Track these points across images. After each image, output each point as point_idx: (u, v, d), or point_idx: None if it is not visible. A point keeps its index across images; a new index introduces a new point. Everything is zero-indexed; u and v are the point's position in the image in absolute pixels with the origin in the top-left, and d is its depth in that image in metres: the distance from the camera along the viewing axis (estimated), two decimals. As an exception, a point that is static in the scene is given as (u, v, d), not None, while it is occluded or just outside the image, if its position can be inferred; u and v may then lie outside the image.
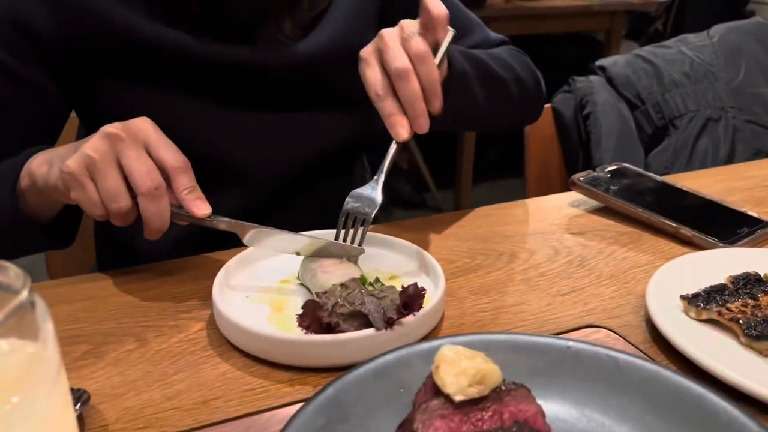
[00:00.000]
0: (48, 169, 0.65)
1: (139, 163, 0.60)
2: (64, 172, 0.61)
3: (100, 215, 0.62)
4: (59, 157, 0.65)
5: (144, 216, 0.61)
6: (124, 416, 0.50)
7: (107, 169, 0.60)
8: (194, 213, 0.62)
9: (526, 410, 0.43)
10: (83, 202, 0.61)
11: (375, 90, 0.66)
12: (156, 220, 0.61)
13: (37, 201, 0.69)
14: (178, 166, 0.62)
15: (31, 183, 0.67)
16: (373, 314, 0.55)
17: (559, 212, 0.86)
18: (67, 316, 0.63)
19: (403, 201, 3.02)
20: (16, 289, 0.31)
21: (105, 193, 0.60)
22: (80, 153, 0.60)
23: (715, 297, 0.60)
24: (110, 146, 0.61)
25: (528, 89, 0.88)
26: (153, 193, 0.60)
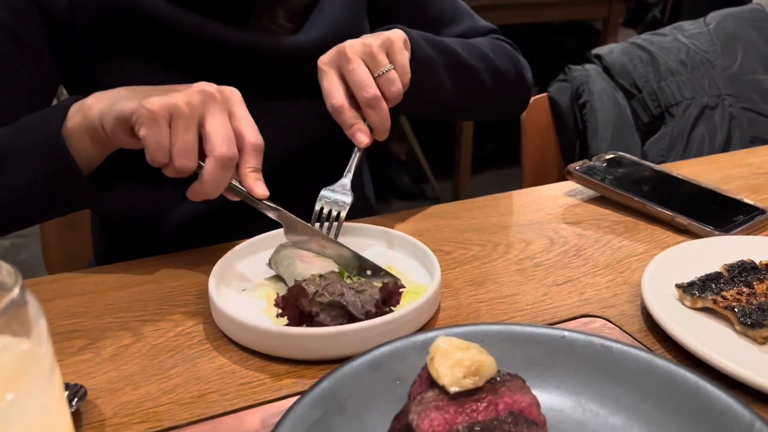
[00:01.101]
0: (110, 104, 0.62)
1: (223, 128, 0.60)
2: (145, 107, 0.58)
3: (159, 162, 0.60)
4: (128, 94, 0.62)
5: (204, 178, 0.60)
6: (121, 411, 0.50)
7: (191, 122, 0.59)
8: (254, 192, 0.62)
9: (521, 401, 0.43)
10: (151, 142, 0.59)
11: (332, 102, 0.69)
12: (212, 186, 0.60)
13: (83, 144, 0.65)
14: (256, 144, 0.62)
15: (82, 120, 0.64)
16: (352, 306, 0.55)
17: (555, 202, 0.86)
18: (64, 311, 0.63)
19: (402, 192, 3.02)
20: (9, 287, 0.31)
21: (179, 144, 0.59)
22: (169, 97, 0.59)
23: (710, 285, 0.60)
24: (202, 102, 0.60)
25: (507, 79, 0.89)
26: (225, 161, 0.60)
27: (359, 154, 0.72)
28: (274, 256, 0.66)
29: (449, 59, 0.80)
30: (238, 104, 0.63)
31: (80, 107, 0.64)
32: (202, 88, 0.61)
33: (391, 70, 0.69)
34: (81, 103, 0.65)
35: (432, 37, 0.79)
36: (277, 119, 0.82)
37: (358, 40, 0.70)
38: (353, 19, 0.85)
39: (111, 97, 0.63)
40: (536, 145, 1.29)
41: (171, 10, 0.74)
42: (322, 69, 0.70)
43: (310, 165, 0.86)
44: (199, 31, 0.75)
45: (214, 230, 0.78)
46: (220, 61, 0.78)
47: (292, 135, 0.83)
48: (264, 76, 0.81)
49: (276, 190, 0.68)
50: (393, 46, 0.70)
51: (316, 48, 0.79)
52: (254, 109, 0.80)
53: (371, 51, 0.69)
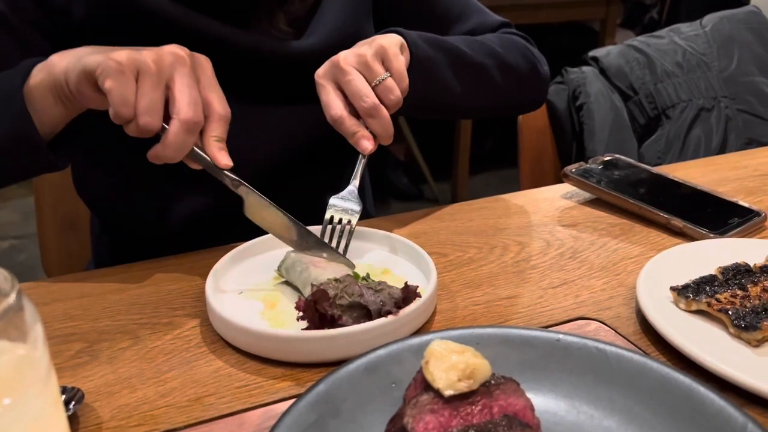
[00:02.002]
0: (75, 59, 0.60)
1: (189, 92, 0.59)
2: (112, 59, 0.57)
3: (123, 116, 0.58)
4: (95, 50, 0.61)
5: (167, 140, 0.59)
6: (119, 414, 0.50)
7: (158, 81, 0.58)
8: (218, 161, 0.62)
9: (516, 404, 0.43)
10: (116, 95, 0.57)
11: (332, 114, 0.69)
12: (175, 149, 0.60)
13: (45, 102, 0.63)
14: (222, 113, 0.62)
15: (45, 76, 0.62)
16: (372, 306, 0.55)
17: (552, 204, 0.87)
18: (62, 314, 0.63)
19: (400, 192, 3.02)
20: (5, 292, 0.32)
21: (145, 101, 0.58)
22: (138, 54, 0.58)
23: (704, 288, 0.60)
24: (171, 64, 0.59)
25: (520, 75, 0.88)
26: (190, 125, 0.59)
27: (364, 160, 0.72)
28: (283, 263, 0.65)
29: (453, 58, 0.79)
30: (208, 72, 0.62)
31: (44, 65, 0.63)
32: (173, 50, 0.60)
33: (387, 78, 0.69)
34: (45, 62, 0.63)
35: (433, 36, 0.79)
36: (275, 122, 0.82)
37: (351, 50, 0.70)
38: (356, 23, 0.84)
39: (76, 53, 0.62)
40: (533, 146, 1.29)
41: (173, 8, 0.74)
42: (319, 82, 0.70)
43: (306, 167, 0.86)
44: (200, 29, 0.75)
45: (212, 232, 0.78)
46: (220, 61, 0.78)
47: (291, 138, 0.83)
48: (264, 78, 0.81)
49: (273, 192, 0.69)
50: (387, 53, 0.70)
51: (319, 53, 0.79)
52: (253, 111, 0.81)
53: (366, 61, 0.68)
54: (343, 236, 0.68)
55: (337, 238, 0.68)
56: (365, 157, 0.71)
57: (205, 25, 0.75)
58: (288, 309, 0.61)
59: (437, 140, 2.94)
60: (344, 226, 0.69)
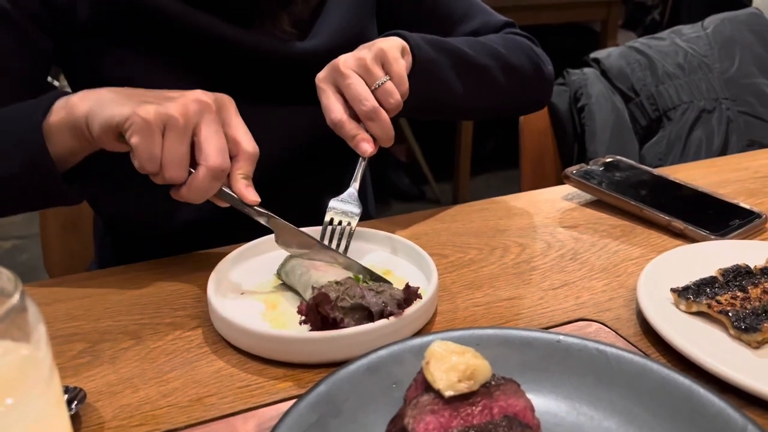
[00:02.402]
0: (98, 105, 0.61)
1: (217, 138, 0.60)
2: (140, 116, 0.58)
3: (149, 171, 0.60)
4: (117, 98, 0.61)
5: (192, 185, 0.60)
6: (120, 414, 0.50)
7: (185, 135, 0.59)
8: (246, 199, 0.62)
9: (516, 405, 0.43)
10: (142, 152, 0.58)
11: (332, 118, 0.69)
12: (199, 194, 0.60)
13: (63, 140, 0.63)
14: (252, 152, 0.63)
15: (66, 116, 0.63)
16: (374, 307, 0.55)
17: (553, 206, 0.87)
18: (64, 314, 0.63)
19: (402, 193, 3.02)
20: (9, 292, 0.32)
21: (171, 156, 0.59)
22: (165, 107, 0.58)
23: (705, 289, 0.60)
24: (197, 112, 0.60)
25: (522, 74, 0.88)
26: (217, 173, 0.60)
27: (364, 163, 0.72)
28: (283, 266, 0.65)
29: (455, 59, 0.79)
30: (233, 112, 0.63)
31: (65, 103, 0.63)
32: (198, 97, 0.61)
33: (387, 82, 0.69)
34: (66, 99, 0.64)
35: (435, 38, 0.79)
36: (276, 123, 0.82)
37: (351, 54, 0.70)
38: (359, 25, 0.85)
39: (98, 98, 0.62)
40: (534, 148, 1.29)
41: (177, 6, 0.74)
42: (319, 86, 0.71)
43: (306, 168, 0.86)
44: (203, 28, 0.75)
45: (215, 233, 0.78)
46: (223, 61, 0.78)
47: (292, 139, 0.84)
48: (266, 79, 0.81)
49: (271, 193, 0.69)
50: (387, 56, 0.70)
51: (322, 54, 0.79)
52: (253, 111, 0.81)
53: (365, 64, 0.69)
54: (342, 238, 0.69)
55: (336, 240, 0.69)
56: (365, 159, 0.72)
57: (209, 24, 0.75)
58: (289, 310, 0.61)
59: (439, 141, 2.94)
60: (344, 228, 0.69)
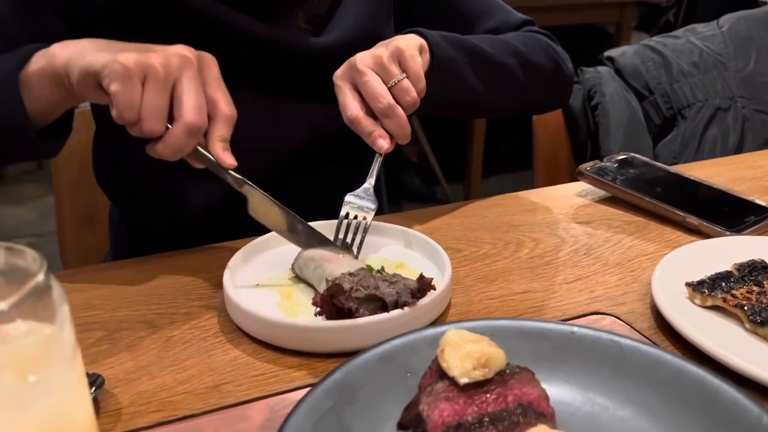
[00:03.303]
0: (78, 53, 0.60)
1: (195, 95, 0.59)
2: (120, 62, 0.57)
3: (127, 120, 0.59)
4: (98, 47, 0.60)
5: (167, 140, 0.59)
6: (138, 400, 0.51)
7: (164, 86, 0.58)
8: (223, 161, 0.62)
9: (530, 393, 0.43)
10: (122, 100, 0.57)
11: (348, 115, 0.70)
12: (174, 150, 0.60)
13: (43, 90, 0.62)
14: (228, 114, 0.62)
15: (45, 65, 0.62)
16: (388, 297, 0.56)
17: (566, 202, 0.87)
18: (82, 303, 0.64)
19: (413, 194, 3.03)
20: (33, 272, 0.33)
21: (149, 106, 0.58)
22: (145, 57, 0.58)
23: (720, 284, 0.60)
24: (178, 66, 0.59)
25: (542, 72, 0.87)
26: (193, 129, 0.59)
27: (380, 159, 0.72)
28: (296, 261, 0.66)
29: (475, 57, 0.79)
30: (215, 72, 0.63)
31: (45, 53, 0.62)
32: (180, 51, 0.60)
33: (403, 80, 0.69)
34: (46, 49, 0.63)
35: (454, 36, 0.79)
36: (290, 118, 0.83)
37: (368, 52, 0.71)
38: (375, 21, 0.85)
39: (78, 46, 0.61)
40: (548, 146, 1.29)
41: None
42: (337, 83, 0.71)
43: (320, 164, 0.87)
44: (220, 18, 0.75)
45: (229, 225, 0.79)
46: (238, 53, 0.78)
47: (306, 134, 0.84)
48: (281, 73, 0.81)
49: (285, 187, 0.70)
50: (404, 54, 0.70)
51: (338, 50, 0.79)
52: (268, 105, 0.81)
53: (382, 62, 0.69)
54: (357, 233, 0.69)
55: (351, 235, 0.69)
56: (381, 156, 0.72)
57: (226, 15, 0.75)
58: (304, 300, 0.62)
59: (450, 142, 2.94)
60: (359, 222, 0.69)
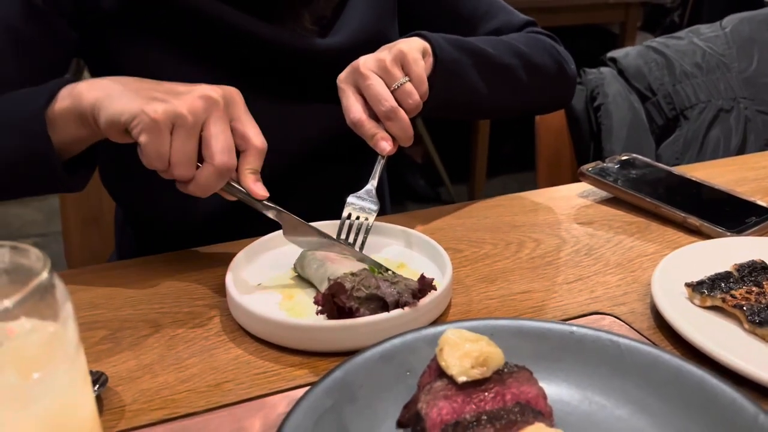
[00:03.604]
0: (105, 97, 0.61)
1: (224, 137, 0.60)
2: (148, 115, 0.57)
3: (158, 168, 0.60)
4: (125, 92, 0.61)
5: (198, 181, 0.60)
6: (141, 398, 0.52)
7: (193, 133, 0.59)
8: (255, 193, 0.63)
9: (528, 392, 0.44)
10: (151, 151, 0.58)
11: (351, 118, 0.70)
12: (204, 190, 0.61)
13: (68, 128, 0.63)
14: (260, 147, 0.63)
15: (72, 104, 0.62)
16: (389, 297, 0.56)
17: (568, 203, 0.87)
18: (86, 303, 0.65)
19: (417, 195, 3.03)
20: (37, 271, 0.33)
21: (178, 155, 0.59)
22: (172, 105, 0.58)
23: (719, 284, 0.60)
24: (205, 109, 0.59)
25: (545, 73, 0.88)
26: (222, 171, 0.60)
27: (383, 161, 0.73)
28: (299, 261, 0.66)
29: (478, 59, 0.80)
30: (241, 107, 0.63)
31: (71, 92, 0.63)
32: (205, 93, 0.60)
33: (406, 83, 0.70)
34: (72, 87, 0.63)
35: (457, 38, 0.80)
36: (294, 119, 0.83)
37: (371, 55, 0.71)
38: (380, 23, 0.85)
39: (105, 88, 0.62)
40: (550, 147, 1.30)
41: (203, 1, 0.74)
42: (340, 86, 0.72)
43: (322, 165, 0.87)
44: (227, 20, 0.76)
45: (232, 227, 0.80)
46: (244, 54, 0.79)
47: (309, 135, 0.84)
48: (286, 75, 0.82)
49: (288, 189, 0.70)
50: (407, 57, 0.71)
51: (343, 51, 0.80)
52: (272, 107, 0.82)
53: (385, 66, 0.70)
54: (359, 233, 0.70)
55: (354, 235, 0.70)
56: (384, 158, 0.73)
57: (232, 17, 0.76)
58: (305, 300, 0.62)
59: (454, 143, 2.94)
60: (361, 223, 0.70)
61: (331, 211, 0.73)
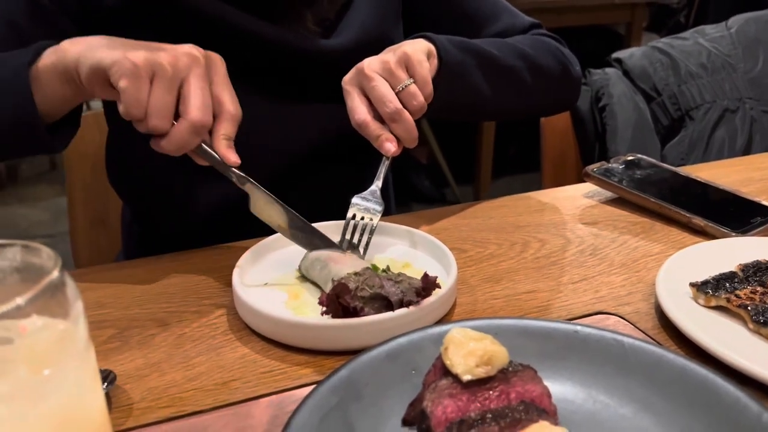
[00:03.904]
0: (87, 49, 0.61)
1: (202, 94, 0.61)
2: (129, 59, 0.58)
3: (133, 116, 0.60)
4: (108, 43, 0.62)
5: (171, 137, 0.61)
6: (148, 396, 0.52)
7: (172, 84, 0.60)
8: (228, 159, 0.63)
9: (533, 390, 0.44)
10: (130, 96, 0.59)
11: (356, 119, 0.71)
12: (177, 146, 0.61)
13: (52, 85, 0.64)
14: (234, 113, 0.63)
15: (56, 60, 0.63)
16: (393, 296, 0.57)
17: (573, 203, 0.87)
18: (94, 302, 0.66)
19: (423, 196, 3.03)
20: (48, 269, 0.34)
21: (156, 104, 0.59)
22: (154, 55, 0.59)
23: (724, 284, 0.60)
24: (186, 65, 0.60)
25: (550, 75, 0.88)
26: (197, 127, 0.60)
27: (387, 162, 0.73)
28: (303, 262, 0.67)
29: (483, 61, 0.80)
30: (221, 72, 0.64)
31: (55, 49, 0.64)
32: (189, 50, 0.61)
33: (411, 85, 0.70)
34: (56, 46, 0.64)
35: (462, 40, 0.80)
36: (297, 119, 0.84)
37: (376, 57, 0.72)
38: (383, 25, 0.86)
39: (88, 42, 0.63)
40: (555, 147, 1.30)
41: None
42: (345, 88, 0.72)
43: (325, 165, 0.87)
44: (231, 20, 0.76)
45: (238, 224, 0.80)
46: (248, 54, 0.79)
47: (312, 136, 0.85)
48: (290, 75, 0.82)
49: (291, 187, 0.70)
50: (411, 59, 0.71)
51: (346, 53, 0.80)
52: (276, 107, 0.82)
53: (389, 68, 0.70)
54: (364, 234, 0.70)
55: (358, 236, 0.70)
56: (388, 159, 0.73)
57: (235, 16, 0.76)
58: (311, 299, 0.63)
59: (460, 143, 2.95)
60: (366, 224, 0.70)
61: (331, 211, 0.74)
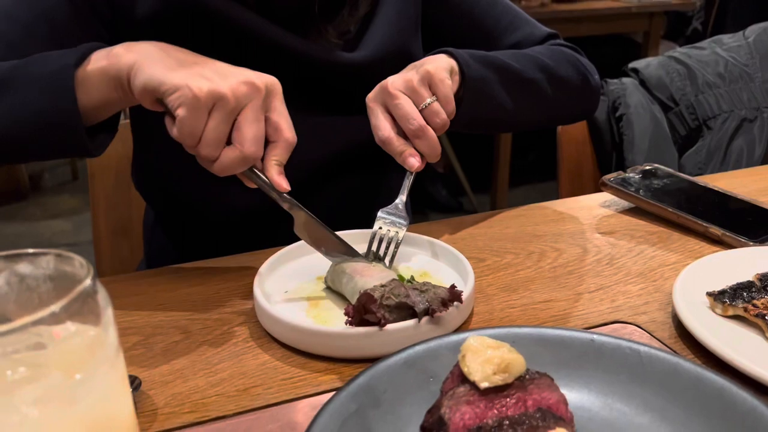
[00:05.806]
0: (145, 61, 0.60)
1: (257, 126, 0.61)
2: (192, 90, 0.58)
3: (186, 144, 0.60)
4: (165, 59, 0.61)
5: (220, 163, 0.61)
6: (172, 401, 0.53)
7: (230, 116, 0.60)
8: (279, 185, 0.64)
9: (549, 398, 0.45)
10: (186, 127, 0.59)
11: (380, 135, 0.72)
12: (222, 172, 0.61)
13: (99, 92, 0.63)
14: (290, 140, 0.64)
15: (108, 65, 0.62)
16: (418, 306, 0.57)
17: (590, 212, 0.88)
18: (118, 309, 0.67)
19: (440, 205, 3.04)
20: (81, 278, 0.35)
21: (211, 135, 0.59)
22: (217, 85, 0.59)
23: (741, 294, 0.60)
24: (246, 96, 0.60)
25: (570, 86, 0.89)
26: (247, 159, 0.61)
27: (411, 177, 0.75)
28: (329, 274, 0.68)
29: (504, 75, 0.81)
30: (279, 98, 0.65)
31: (107, 53, 0.63)
32: (250, 79, 0.61)
33: (433, 103, 0.72)
34: (108, 49, 0.64)
35: (484, 54, 0.81)
36: (317, 131, 0.85)
37: (399, 75, 0.73)
38: (403, 38, 0.87)
39: (144, 51, 0.62)
40: (572, 157, 1.30)
41: (233, 8, 0.76)
42: (369, 106, 0.74)
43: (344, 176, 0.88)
44: (258, 31, 0.77)
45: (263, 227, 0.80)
46: (273, 65, 0.79)
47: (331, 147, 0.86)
48: (311, 87, 0.83)
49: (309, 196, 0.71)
50: (433, 78, 0.72)
51: (367, 65, 0.81)
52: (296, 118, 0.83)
53: (412, 86, 0.72)
54: (390, 246, 0.71)
55: (384, 247, 0.71)
56: (412, 174, 0.74)
57: (262, 27, 0.78)
58: (332, 307, 0.64)
59: (477, 153, 2.95)
60: (391, 236, 0.71)
61: (358, 215, 0.75)
